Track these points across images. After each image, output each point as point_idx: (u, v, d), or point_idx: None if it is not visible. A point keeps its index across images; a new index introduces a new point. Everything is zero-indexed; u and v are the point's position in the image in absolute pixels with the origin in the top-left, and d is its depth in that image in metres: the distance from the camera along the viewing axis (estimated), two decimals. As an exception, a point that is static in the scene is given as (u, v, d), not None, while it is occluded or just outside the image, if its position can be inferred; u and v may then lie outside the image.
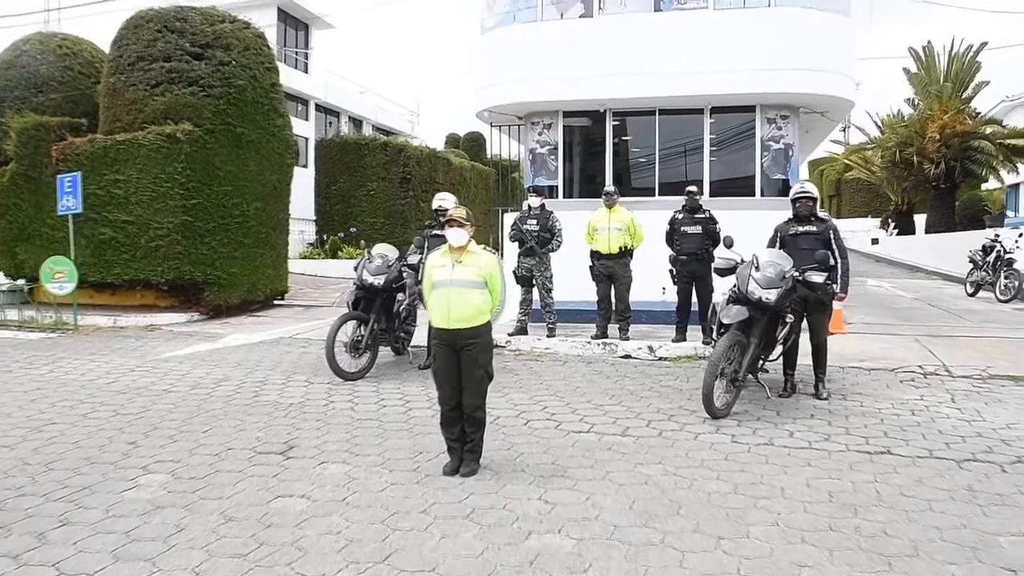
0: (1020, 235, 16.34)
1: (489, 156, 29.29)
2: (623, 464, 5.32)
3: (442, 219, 8.80)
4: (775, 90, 11.66)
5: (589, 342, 9.72)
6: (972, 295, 16.45)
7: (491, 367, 5.23)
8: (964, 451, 5.56)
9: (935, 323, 12.37)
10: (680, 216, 9.39)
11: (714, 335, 7.05)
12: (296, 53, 30.94)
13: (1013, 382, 7.89)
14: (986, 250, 16.21)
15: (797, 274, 6.67)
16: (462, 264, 5.14)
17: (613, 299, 9.82)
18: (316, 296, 17.06)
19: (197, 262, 13.22)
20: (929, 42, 27.76)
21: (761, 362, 6.96)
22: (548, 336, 9.96)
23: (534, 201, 9.94)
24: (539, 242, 9.77)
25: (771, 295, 6.50)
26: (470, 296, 5.10)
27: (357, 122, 33.34)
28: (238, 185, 13.84)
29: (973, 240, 18.60)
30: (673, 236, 9.37)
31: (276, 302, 15.61)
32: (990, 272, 15.93)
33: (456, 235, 5.15)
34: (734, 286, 6.86)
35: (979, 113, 27.70)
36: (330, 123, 31.65)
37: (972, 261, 16.67)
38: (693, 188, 9.49)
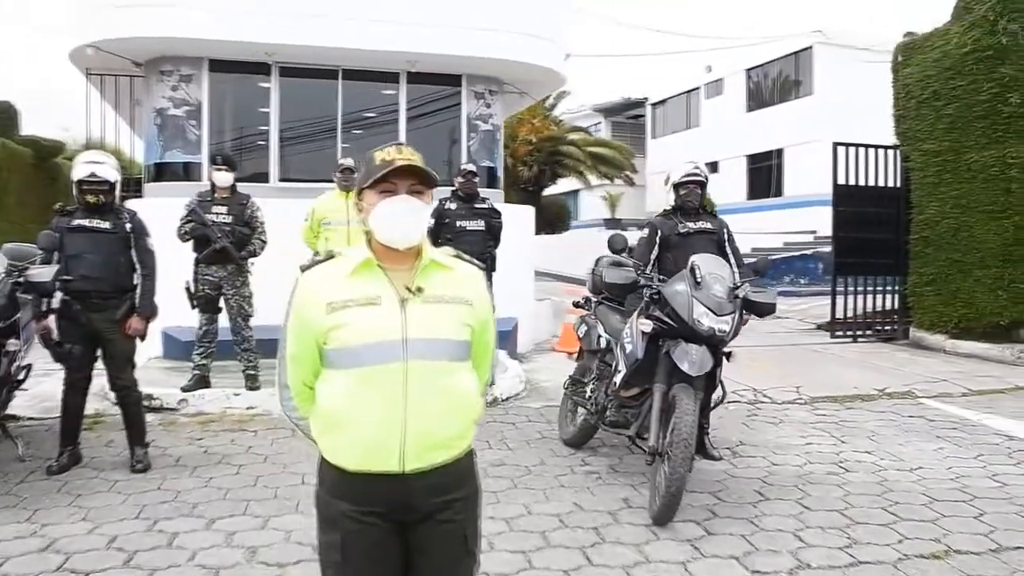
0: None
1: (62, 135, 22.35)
2: None
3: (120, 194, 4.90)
4: (486, 55, 9.52)
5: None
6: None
7: (479, 545, 2.14)
8: (1018, 530, 4.04)
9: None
10: (452, 206, 6.74)
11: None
12: None
13: (839, 404, 7.01)
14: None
15: (741, 292, 4.54)
16: (423, 298, 1.92)
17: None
18: None
19: None
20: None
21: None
22: (250, 387, 6.44)
23: (223, 178, 6.37)
24: (236, 242, 6.28)
25: (725, 325, 4.31)
26: (456, 381, 1.94)
27: None
28: None
29: (582, 240, 19.45)
30: (441, 233, 6.68)
31: None
32: (635, 273, 16.08)
33: (409, 217, 1.91)
34: (646, 309, 4.54)
35: (561, 120, 29.29)
36: None
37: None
38: (472, 167, 6.88)
